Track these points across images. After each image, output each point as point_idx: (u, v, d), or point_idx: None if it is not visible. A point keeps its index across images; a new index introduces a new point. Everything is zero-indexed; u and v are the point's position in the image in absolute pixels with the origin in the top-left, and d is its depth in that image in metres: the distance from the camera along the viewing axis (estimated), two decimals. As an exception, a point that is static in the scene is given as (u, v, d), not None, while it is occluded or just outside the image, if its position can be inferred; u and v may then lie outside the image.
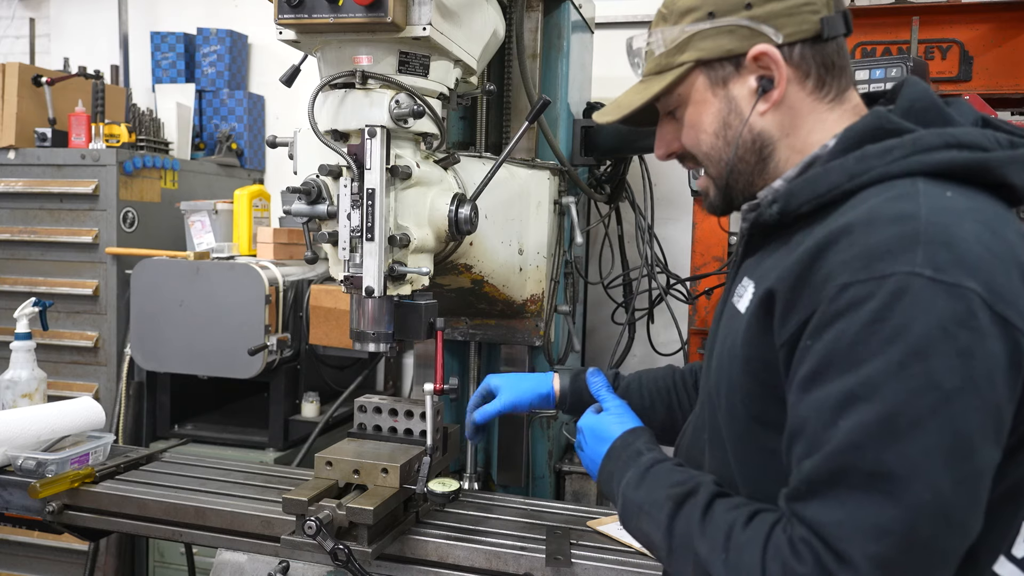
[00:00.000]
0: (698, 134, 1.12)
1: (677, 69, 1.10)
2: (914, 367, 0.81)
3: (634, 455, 1.18)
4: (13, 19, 4.36)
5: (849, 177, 0.95)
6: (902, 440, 0.81)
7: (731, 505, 0.98)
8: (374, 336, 1.69)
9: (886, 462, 0.81)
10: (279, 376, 2.89)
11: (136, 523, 1.93)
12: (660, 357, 3.16)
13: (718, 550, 0.93)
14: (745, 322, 1.02)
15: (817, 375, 0.88)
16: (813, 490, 0.86)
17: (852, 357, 0.85)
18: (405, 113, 1.58)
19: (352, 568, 1.57)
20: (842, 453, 0.84)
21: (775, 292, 0.95)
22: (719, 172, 1.12)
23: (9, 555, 3.24)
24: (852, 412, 0.84)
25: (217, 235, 3.18)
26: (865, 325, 0.84)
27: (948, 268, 0.83)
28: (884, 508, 0.81)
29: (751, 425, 1.02)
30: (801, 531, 0.86)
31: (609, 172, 2.78)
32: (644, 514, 1.08)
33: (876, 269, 0.85)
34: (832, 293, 0.87)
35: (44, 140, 3.25)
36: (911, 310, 0.82)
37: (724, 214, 1.20)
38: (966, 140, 0.94)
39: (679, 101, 1.13)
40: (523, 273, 2.19)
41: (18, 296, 3.07)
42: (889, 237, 0.86)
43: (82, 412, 2.20)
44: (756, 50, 1.04)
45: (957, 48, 2.48)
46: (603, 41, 2.95)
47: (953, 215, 0.87)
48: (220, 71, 3.84)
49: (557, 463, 2.52)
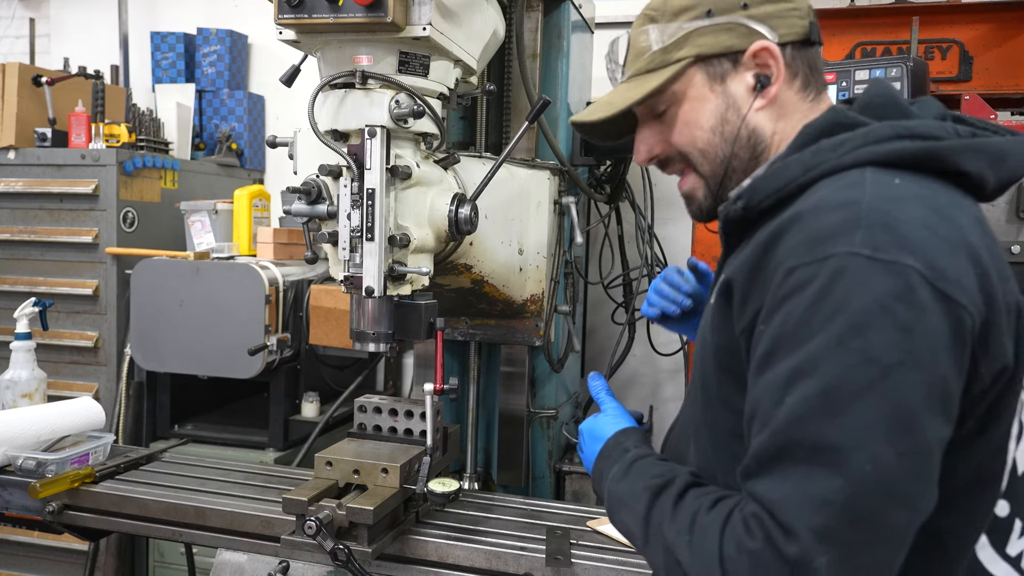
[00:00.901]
0: (694, 131, 1.12)
1: (675, 65, 1.10)
2: (852, 342, 0.83)
3: (621, 452, 1.20)
4: (13, 19, 4.36)
5: (804, 170, 0.98)
6: (842, 413, 0.82)
7: (701, 493, 1.00)
8: (374, 336, 1.69)
9: (827, 435, 0.82)
10: (279, 376, 2.89)
11: (136, 523, 1.93)
12: (660, 357, 3.16)
13: (683, 533, 0.95)
14: (711, 312, 1.06)
15: (768, 357, 0.90)
16: (761, 466, 0.87)
17: (797, 337, 0.86)
18: (405, 113, 1.58)
19: (352, 568, 1.57)
20: (786, 428, 0.85)
21: (732, 282, 0.98)
22: (714, 170, 1.13)
23: (9, 555, 3.24)
24: (796, 388, 0.85)
25: (217, 235, 3.18)
26: (808, 305, 0.86)
27: (887, 247, 0.85)
28: (826, 480, 0.82)
29: (723, 412, 1.04)
30: (752, 507, 0.87)
31: (609, 172, 2.78)
32: (624, 506, 1.10)
33: (818, 252, 0.87)
34: (780, 278, 0.90)
35: (44, 140, 3.25)
36: (849, 288, 0.84)
37: (710, 219, 1.19)
38: (919, 131, 0.97)
39: (672, 99, 1.13)
40: (523, 273, 2.19)
41: (18, 296, 3.07)
42: (832, 222, 0.89)
43: (82, 412, 2.20)
44: (757, 46, 1.06)
45: (957, 48, 2.48)
46: (603, 41, 2.95)
47: (896, 200, 0.90)
48: (220, 71, 3.84)
49: (557, 463, 2.52)
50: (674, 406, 3.27)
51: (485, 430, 2.43)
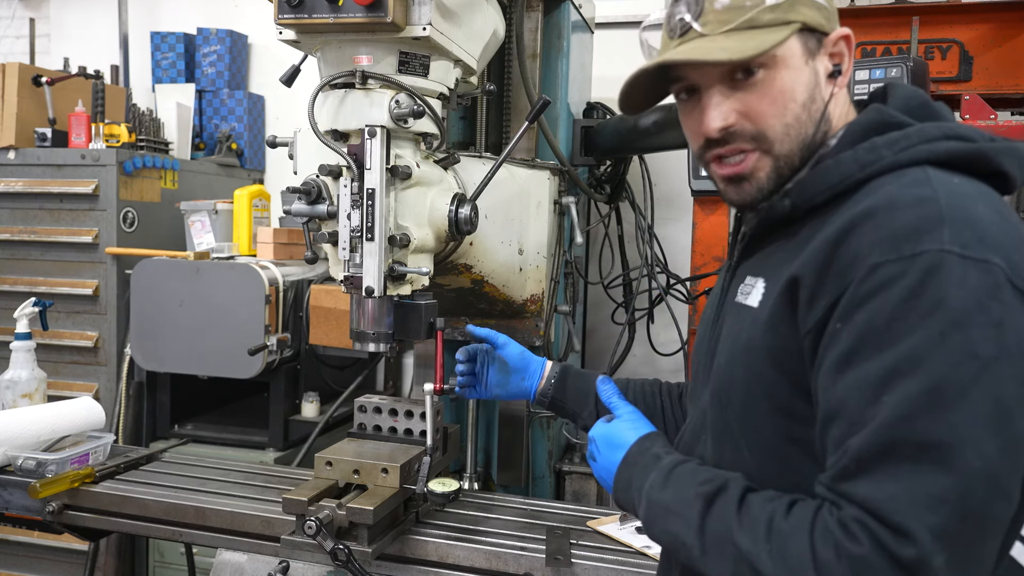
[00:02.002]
0: (788, 102, 1.04)
1: (790, 25, 1.02)
2: (954, 338, 0.83)
3: (653, 459, 1.15)
4: (13, 19, 4.36)
5: (861, 167, 0.98)
6: (950, 409, 0.82)
7: (766, 497, 0.97)
8: (374, 336, 1.69)
9: (935, 432, 0.82)
10: (279, 376, 2.89)
11: (136, 523, 1.93)
12: (660, 357, 3.16)
13: (761, 541, 0.92)
14: (766, 313, 1.01)
15: (852, 355, 0.89)
16: (862, 468, 0.86)
17: (890, 334, 0.86)
18: (405, 113, 1.58)
19: (352, 568, 1.57)
20: (891, 427, 0.84)
21: (799, 279, 0.96)
22: (791, 149, 1.05)
23: (9, 555, 3.23)
24: (896, 387, 0.85)
25: (217, 235, 3.18)
26: (901, 302, 0.86)
27: (974, 245, 0.86)
28: (937, 478, 0.81)
29: (775, 417, 1.01)
30: (852, 511, 0.85)
31: (609, 172, 2.78)
32: (672, 515, 1.05)
33: (905, 248, 0.87)
34: (861, 274, 0.89)
35: (44, 140, 3.25)
36: (946, 284, 0.85)
37: (755, 206, 1.10)
38: (961, 132, 0.99)
39: (771, 63, 1.03)
40: (523, 273, 2.19)
41: (18, 296, 3.07)
42: (914, 218, 0.89)
43: (82, 412, 2.20)
44: (843, 32, 1.07)
45: (957, 48, 2.47)
46: (603, 41, 2.95)
47: (967, 198, 0.92)
48: (220, 71, 3.84)
49: (557, 463, 2.52)
50: (674, 406, 3.27)
51: (485, 430, 2.43)
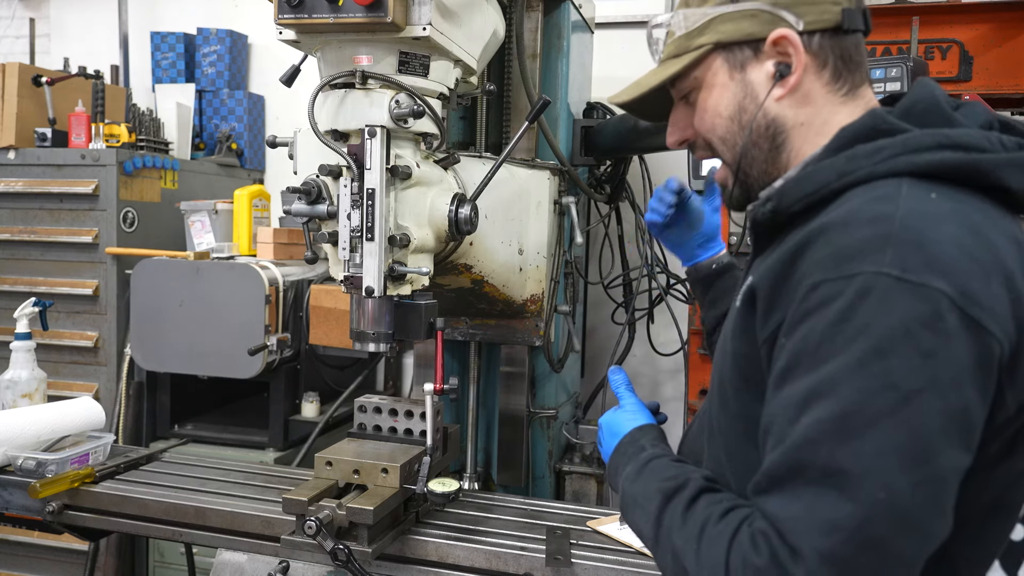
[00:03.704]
0: (713, 118, 1.11)
1: (696, 51, 1.09)
2: (873, 366, 0.81)
3: (637, 450, 1.19)
4: (13, 19, 4.36)
5: (838, 176, 0.95)
6: (857, 438, 0.81)
7: (713, 500, 0.99)
8: (374, 336, 1.69)
9: (840, 459, 0.81)
10: (279, 376, 2.89)
11: (136, 523, 1.93)
12: (660, 357, 3.16)
13: (692, 542, 0.94)
14: (733, 318, 1.05)
15: (787, 372, 0.89)
16: (774, 484, 0.87)
17: (818, 355, 0.85)
18: (405, 113, 1.58)
19: (352, 568, 1.57)
20: (799, 448, 0.84)
21: (756, 289, 0.97)
22: (733, 157, 1.11)
23: (9, 555, 3.24)
24: (812, 409, 0.84)
25: (217, 235, 3.18)
26: (831, 324, 0.84)
27: (917, 269, 0.82)
28: (837, 504, 0.81)
29: (739, 419, 1.04)
30: (761, 524, 0.86)
31: (609, 172, 2.78)
32: (637, 506, 1.09)
33: (845, 268, 0.85)
34: (804, 292, 0.88)
35: (44, 140, 3.25)
36: (874, 309, 0.82)
37: (741, 208, 1.17)
38: (962, 141, 0.93)
39: (695, 84, 1.13)
40: (523, 273, 2.19)
41: (18, 296, 3.07)
42: (862, 237, 0.86)
43: (82, 412, 2.20)
44: (776, 34, 1.04)
45: (957, 48, 2.48)
46: (603, 41, 2.95)
47: (931, 218, 0.86)
48: (220, 71, 3.84)
49: (557, 463, 2.52)
50: (674, 406, 3.27)
51: (485, 430, 2.43)
